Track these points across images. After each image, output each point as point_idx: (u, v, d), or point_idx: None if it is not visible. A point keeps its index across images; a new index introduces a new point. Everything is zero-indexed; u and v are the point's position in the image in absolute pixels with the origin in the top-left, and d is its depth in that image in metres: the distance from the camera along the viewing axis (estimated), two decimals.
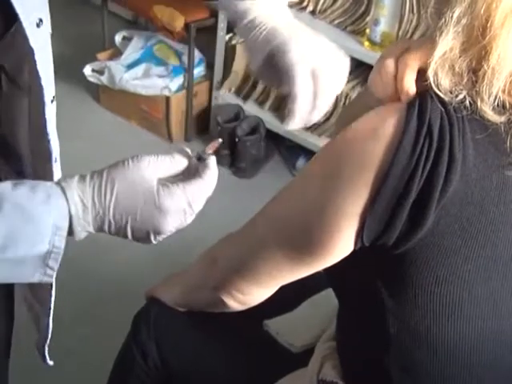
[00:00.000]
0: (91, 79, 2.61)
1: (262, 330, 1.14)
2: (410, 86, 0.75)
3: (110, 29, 2.80)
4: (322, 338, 1.07)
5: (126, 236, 0.71)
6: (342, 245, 0.78)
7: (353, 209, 0.76)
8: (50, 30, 0.79)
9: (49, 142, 0.83)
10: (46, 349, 0.98)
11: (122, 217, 0.69)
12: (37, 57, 0.74)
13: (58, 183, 0.68)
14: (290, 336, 1.11)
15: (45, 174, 0.85)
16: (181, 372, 1.12)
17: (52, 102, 0.82)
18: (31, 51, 0.73)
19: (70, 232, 0.69)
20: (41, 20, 0.74)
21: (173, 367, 1.13)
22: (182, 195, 0.71)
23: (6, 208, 0.64)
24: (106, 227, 0.70)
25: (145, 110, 2.62)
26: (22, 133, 0.83)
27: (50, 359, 1.01)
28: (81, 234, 0.70)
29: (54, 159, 0.86)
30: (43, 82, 0.77)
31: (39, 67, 0.75)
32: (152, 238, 0.72)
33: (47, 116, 0.81)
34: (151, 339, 1.13)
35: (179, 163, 0.74)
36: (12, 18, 0.70)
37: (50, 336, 0.97)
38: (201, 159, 0.76)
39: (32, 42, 0.73)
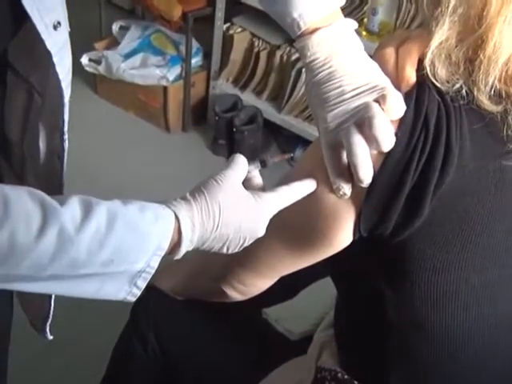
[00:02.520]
0: (88, 69, 2.60)
1: (261, 318, 1.14)
2: (410, 75, 0.75)
3: (107, 18, 2.79)
4: (321, 326, 1.07)
5: (221, 250, 0.74)
6: (342, 235, 0.78)
7: (350, 200, 0.76)
8: (68, 29, 0.79)
9: (64, 141, 0.84)
10: (48, 327, 0.99)
11: (227, 231, 0.72)
12: (55, 59, 0.74)
13: (167, 205, 0.70)
14: (288, 323, 1.12)
15: (54, 170, 0.86)
16: (180, 360, 1.13)
17: (68, 101, 0.83)
18: (48, 54, 0.73)
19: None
20: (59, 22, 0.73)
21: (172, 355, 1.13)
22: (275, 201, 0.75)
23: (119, 224, 0.65)
24: (207, 244, 0.72)
25: (142, 99, 2.62)
26: (16, 123, 0.84)
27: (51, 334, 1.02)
28: (182, 253, 0.71)
29: (65, 156, 0.87)
30: (63, 84, 0.77)
31: (58, 69, 0.75)
32: (245, 244, 0.75)
33: (65, 117, 0.82)
34: (150, 328, 1.13)
35: (245, 170, 0.77)
36: (25, 18, 0.69)
37: (51, 316, 0.98)
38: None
39: (49, 45, 0.72)
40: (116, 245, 0.65)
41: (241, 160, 0.76)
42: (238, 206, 0.72)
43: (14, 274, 0.62)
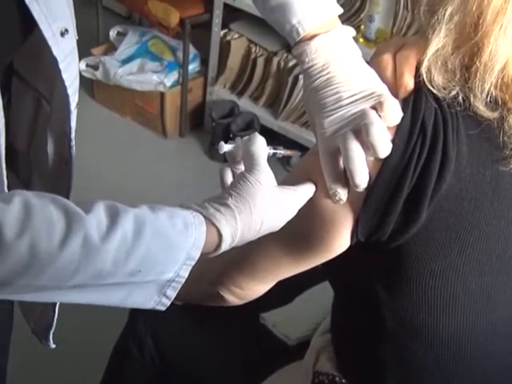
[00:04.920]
0: (86, 74, 2.61)
1: (258, 323, 1.14)
2: (408, 81, 0.75)
3: (105, 24, 2.80)
4: (318, 331, 1.07)
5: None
6: (339, 240, 0.78)
7: (348, 205, 0.77)
8: (76, 37, 0.78)
9: (72, 147, 0.83)
10: (51, 335, 0.98)
11: (257, 238, 0.72)
12: (61, 66, 0.74)
13: (199, 213, 0.67)
14: (286, 328, 1.12)
15: (62, 177, 0.85)
16: (177, 364, 1.13)
17: (75, 108, 0.82)
18: (55, 61, 0.73)
19: None
20: (66, 30, 0.73)
21: (169, 359, 1.13)
22: (297, 201, 0.75)
23: (147, 232, 0.62)
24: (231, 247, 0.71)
25: (139, 105, 2.62)
26: (23, 132, 0.84)
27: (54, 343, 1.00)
28: (209, 257, 0.70)
29: (72, 162, 0.85)
30: (69, 91, 0.77)
31: (64, 76, 0.75)
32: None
33: (72, 124, 0.81)
34: (148, 332, 1.14)
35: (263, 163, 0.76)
36: (33, 25, 0.69)
37: (54, 324, 0.96)
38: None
39: (55, 52, 0.72)
40: (143, 255, 0.62)
41: (263, 149, 0.75)
42: (274, 215, 0.71)
43: (36, 284, 0.59)
